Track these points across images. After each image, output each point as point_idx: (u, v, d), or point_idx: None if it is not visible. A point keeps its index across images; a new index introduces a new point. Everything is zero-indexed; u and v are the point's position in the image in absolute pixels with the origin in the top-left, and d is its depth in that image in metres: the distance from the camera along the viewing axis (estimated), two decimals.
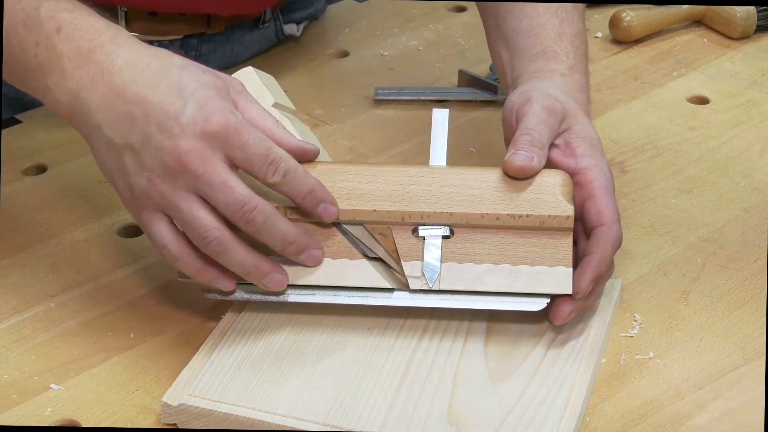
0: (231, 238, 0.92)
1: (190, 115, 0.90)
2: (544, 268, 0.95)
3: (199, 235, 0.91)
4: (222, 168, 0.91)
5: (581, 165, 0.99)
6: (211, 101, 0.91)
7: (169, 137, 0.90)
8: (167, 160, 0.90)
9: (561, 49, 1.08)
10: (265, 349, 0.96)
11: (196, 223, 0.91)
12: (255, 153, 0.91)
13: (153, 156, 0.91)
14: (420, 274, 0.96)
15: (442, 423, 0.89)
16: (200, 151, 0.90)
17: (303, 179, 0.93)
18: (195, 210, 0.91)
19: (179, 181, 0.91)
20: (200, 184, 0.90)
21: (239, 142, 0.91)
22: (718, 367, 0.98)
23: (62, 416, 0.92)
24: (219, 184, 0.90)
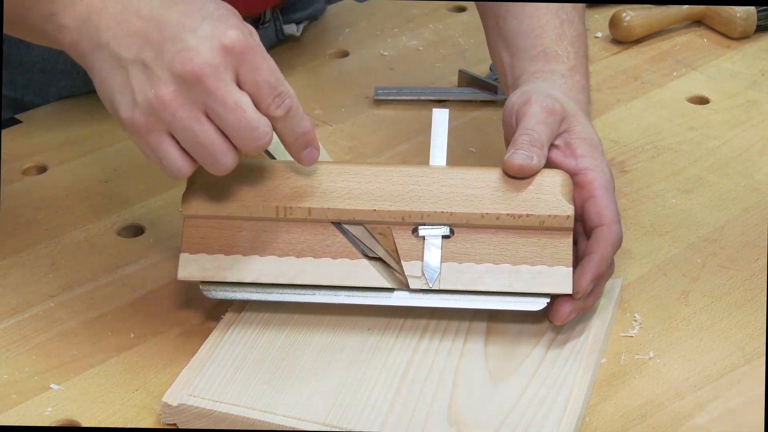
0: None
1: (207, 29, 0.87)
2: (544, 268, 0.95)
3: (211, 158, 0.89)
4: (233, 88, 0.87)
5: (581, 166, 0.99)
6: (231, 19, 0.88)
7: (185, 48, 0.86)
8: (180, 71, 0.86)
9: (561, 50, 1.08)
10: (265, 348, 0.96)
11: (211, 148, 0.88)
12: (266, 80, 0.88)
13: (165, 69, 0.87)
14: (420, 274, 0.96)
15: (442, 423, 0.89)
16: (215, 65, 0.86)
17: (301, 119, 0.92)
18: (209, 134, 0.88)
19: (190, 96, 0.87)
20: (211, 101, 0.87)
21: (253, 63, 0.88)
22: (718, 367, 0.98)
23: (62, 416, 0.92)
24: (231, 104, 0.87)
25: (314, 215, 0.96)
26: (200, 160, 0.90)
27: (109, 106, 0.90)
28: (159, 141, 0.89)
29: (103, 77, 0.90)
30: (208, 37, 0.87)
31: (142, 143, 0.90)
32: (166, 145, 0.89)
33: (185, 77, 0.86)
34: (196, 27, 0.87)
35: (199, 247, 0.97)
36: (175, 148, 0.89)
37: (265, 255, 0.96)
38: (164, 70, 0.87)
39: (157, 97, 0.87)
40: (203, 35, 0.87)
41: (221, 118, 0.88)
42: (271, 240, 0.97)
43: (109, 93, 0.90)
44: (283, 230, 0.97)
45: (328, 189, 0.96)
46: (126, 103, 0.88)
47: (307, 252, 0.96)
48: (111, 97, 0.89)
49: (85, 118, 1.27)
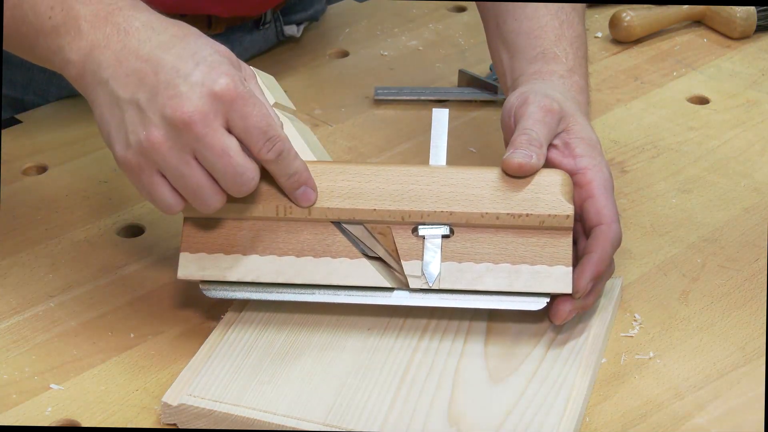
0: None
1: (199, 76, 0.90)
2: (544, 268, 0.95)
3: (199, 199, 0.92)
4: (222, 133, 0.90)
5: (580, 165, 0.99)
6: (223, 66, 0.91)
7: (176, 95, 0.89)
8: (171, 116, 0.89)
9: (560, 51, 1.08)
10: (265, 349, 0.96)
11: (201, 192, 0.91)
12: (255, 126, 0.90)
13: (157, 113, 0.89)
14: (420, 274, 0.96)
15: (442, 423, 0.89)
16: (204, 113, 0.89)
17: (292, 161, 0.94)
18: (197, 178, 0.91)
19: (180, 140, 0.90)
20: (200, 147, 0.90)
21: (243, 110, 0.90)
22: (718, 367, 0.98)
23: (62, 416, 0.92)
24: (219, 150, 0.90)
25: (314, 215, 0.96)
26: (189, 200, 0.92)
27: (106, 141, 0.93)
28: (150, 180, 0.92)
29: (102, 113, 0.93)
30: (199, 84, 0.89)
31: (134, 181, 0.93)
32: (157, 184, 0.92)
33: (175, 123, 0.89)
34: (188, 73, 0.90)
35: (198, 246, 0.97)
36: (166, 187, 0.92)
37: (264, 254, 0.96)
38: (156, 114, 0.90)
39: (148, 140, 0.90)
40: (194, 81, 0.89)
41: (209, 162, 0.90)
42: (270, 239, 0.97)
43: (106, 129, 0.93)
44: (283, 229, 0.97)
45: (327, 188, 0.96)
46: (120, 141, 0.92)
47: (307, 251, 0.96)
48: (108, 133, 0.93)
49: (85, 118, 1.27)
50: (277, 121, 0.92)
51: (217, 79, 0.90)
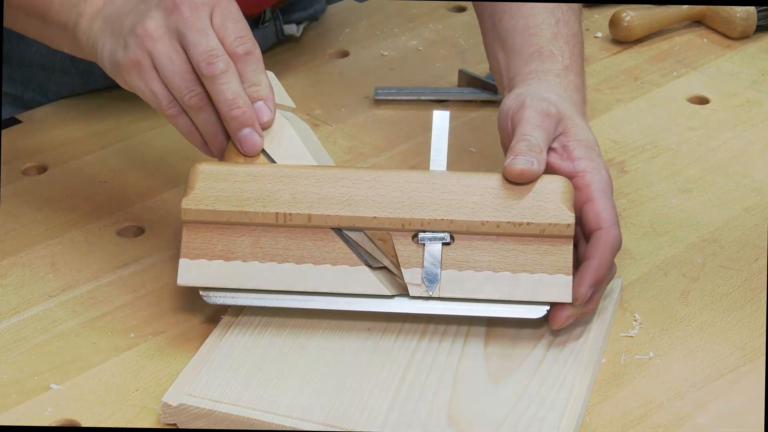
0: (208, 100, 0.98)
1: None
2: (544, 276, 0.95)
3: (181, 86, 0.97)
4: (206, 20, 0.98)
5: (579, 168, 0.99)
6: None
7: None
8: (166, 2, 0.98)
9: (556, 49, 1.08)
10: (265, 349, 0.96)
11: (184, 78, 0.97)
12: (232, 24, 0.98)
13: (151, 5, 0.98)
14: (420, 282, 0.95)
15: (442, 423, 0.89)
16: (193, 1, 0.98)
17: (259, 70, 0.99)
18: (182, 61, 0.97)
19: (168, 24, 0.97)
20: (183, 26, 0.97)
21: (226, 9, 0.99)
22: (718, 367, 0.98)
23: (62, 416, 0.92)
24: (197, 28, 0.97)
25: (314, 222, 0.96)
26: (171, 88, 0.98)
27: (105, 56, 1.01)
28: (152, 75, 0.98)
29: (105, 41, 1.01)
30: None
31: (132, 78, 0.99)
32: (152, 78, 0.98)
33: (166, 5, 0.98)
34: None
35: (198, 252, 0.96)
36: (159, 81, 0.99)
37: (264, 261, 0.96)
38: (150, 5, 0.98)
39: (143, 28, 0.98)
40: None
41: (186, 39, 0.97)
42: (270, 246, 0.96)
43: (113, 58, 1.00)
44: (283, 236, 0.96)
45: (327, 195, 0.96)
46: (122, 49, 0.99)
47: (307, 258, 0.96)
48: (114, 60, 1.00)
49: (85, 118, 1.28)
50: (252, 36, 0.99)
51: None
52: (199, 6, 0.98)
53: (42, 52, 1.28)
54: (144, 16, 0.98)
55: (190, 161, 0.97)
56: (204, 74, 0.97)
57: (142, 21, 0.98)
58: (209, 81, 0.97)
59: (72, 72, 1.30)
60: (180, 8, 0.97)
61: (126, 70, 0.99)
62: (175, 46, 0.98)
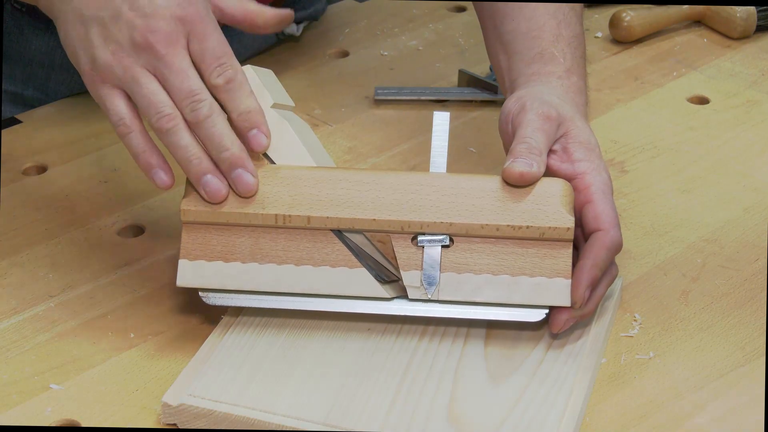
0: (183, 121, 0.94)
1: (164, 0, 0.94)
2: (543, 280, 0.95)
3: (155, 109, 0.94)
4: (184, 56, 0.94)
5: (578, 170, 0.99)
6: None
7: (141, 15, 0.93)
8: (135, 36, 0.93)
9: (558, 51, 1.08)
10: (265, 349, 0.96)
11: (154, 98, 0.94)
12: (210, 48, 0.94)
13: (122, 31, 0.94)
14: (419, 284, 0.95)
15: (442, 423, 0.90)
16: (167, 33, 0.93)
17: (245, 96, 0.96)
18: (154, 86, 0.94)
19: (142, 58, 0.93)
20: (161, 65, 0.93)
21: (202, 33, 0.94)
22: (718, 367, 0.98)
23: (62, 416, 0.92)
24: (177, 68, 0.93)
25: (313, 223, 0.96)
26: (143, 112, 0.94)
27: (72, 59, 0.97)
28: (109, 92, 0.95)
29: (67, 30, 0.96)
30: (164, 6, 0.94)
31: (95, 93, 0.96)
32: (115, 96, 0.95)
33: (138, 42, 0.93)
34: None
35: (198, 253, 0.96)
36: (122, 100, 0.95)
37: (264, 263, 0.96)
38: (120, 31, 0.94)
39: (114, 54, 0.94)
40: (160, 4, 0.94)
41: (166, 79, 0.94)
42: (270, 247, 0.96)
43: (71, 46, 0.96)
44: (282, 238, 0.96)
45: (327, 197, 0.96)
46: (84, 57, 0.95)
47: (306, 260, 0.96)
48: (73, 50, 0.96)
49: (85, 118, 1.27)
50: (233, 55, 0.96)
51: (180, 2, 0.94)
52: (173, 40, 0.94)
53: (42, 49, 1.28)
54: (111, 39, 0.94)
55: None
56: (189, 121, 0.94)
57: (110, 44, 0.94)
58: (195, 126, 0.94)
59: (72, 70, 1.28)
60: (154, 46, 0.93)
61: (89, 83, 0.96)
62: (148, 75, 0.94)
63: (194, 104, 0.93)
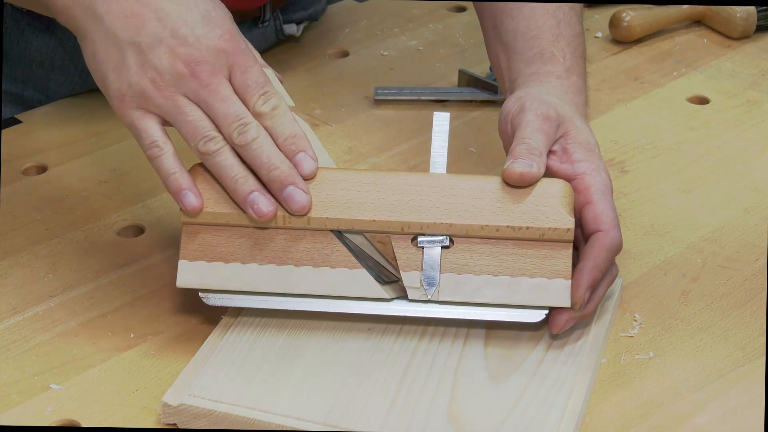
0: (228, 144, 0.94)
1: (205, 29, 0.94)
2: (543, 281, 0.94)
3: (201, 134, 0.94)
4: (227, 85, 0.94)
5: (578, 170, 0.99)
6: (226, 22, 0.96)
7: (183, 44, 0.93)
8: (178, 66, 0.93)
9: (558, 51, 1.08)
10: (265, 349, 0.96)
11: (200, 124, 0.93)
12: (254, 79, 0.95)
13: (162, 59, 0.93)
14: (419, 285, 0.95)
15: (442, 423, 0.90)
16: (211, 63, 0.94)
17: (289, 122, 0.96)
18: (198, 114, 0.94)
19: (185, 87, 0.93)
20: (205, 94, 0.93)
21: (244, 65, 0.95)
22: (718, 367, 0.98)
23: (62, 416, 0.92)
24: (222, 96, 0.94)
25: (313, 224, 0.96)
26: (187, 138, 0.94)
27: (98, 79, 0.96)
28: (142, 116, 0.94)
29: (96, 50, 0.95)
30: (205, 36, 0.94)
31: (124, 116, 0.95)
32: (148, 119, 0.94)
33: (181, 71, 0.93)
34: (194, 25, 0.94)
35: (198, 254, 0.96)
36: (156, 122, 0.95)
37: (264, 263, 0.96)
38: (161, 59, 0.93)
39: (153, 82, 0.93)
40: (201, 34, 0.94)
41: (210, 107, 0.94)
42: (270, 248, 0.96)
43: (101, 67, 0.95)
44: (282, 238, 0.96)
45: (327, 198, 0.96)
46: (117, 80, 0.94)
47: (305, 260, 0.96)
48: (104, 71, 0.95)
49: (85, 118, 1.27)
50: (272, 84, 0.96)
51: (223, 35, 0.95)
52: (216, 70, 0.94)
53: (42, 50, 1.28)
54: (149, 67, 0.93)
55: (189, 162, 0.97)
56: (237, 144, 0.94)
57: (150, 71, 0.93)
58: (243, 149, 0.94)
59: (72, 71, 1.30)
60: (199, 75, 0.93)
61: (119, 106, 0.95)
62: (190, 103, 0.94)
63: (242, 127, 0.93)
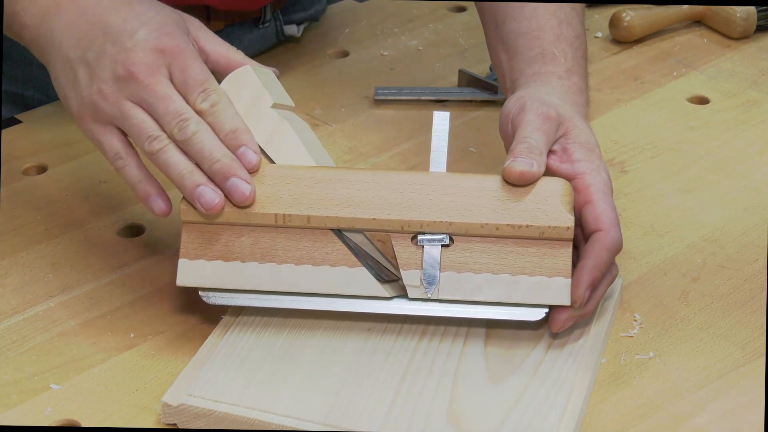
0: (172, 142, 0.96)
1: (144, 34, 0.97)
2: (543, 279, 0.94)
3: (145, 134, 0.96)
4: (166, 83, 0.97)
5: (578, 170, 0.99)
6: (167, 27, 0.98)
7: (122, 50, 0.97)
8: (118, 70, 0.96)
9: (559, 51, 1.08)
10: (265, 349, 0.96)
11: (143, 125, 0.96)
12: (193, 77, 0.97)
13: (106, 68, 0.97)
14: (419, 283, 0.95)
15: (442, 423, 0.90)
16: (148, 64, 0.96)
17: (230, 117, 0.97)
18: (142, 115, 0.96)
19: (127, 90, 0.96)
20: (145, 94, 0.96)
21: (184, 63, 0.97)
22: (718, 367, 0.98)
23: (62, 416, 0.92)
24: (161, 94, 0.96)
25: (313, 223, 0.96)
26: (135, 141, 0.97)
27: (64, 102, 1.00)
28: (101, 129, 0.98)
29: (57, 75, 1.00)
30: (143, 40, 0.97)
31: (87, 132, 0.99)
32: (108, 133, 0.98)
33: (121, 75, 0.96)
34: (134, 32, 0.97)
35: (197, 253, 0.96)
36: (116, 135, 0.98)
37: (263, 262, 0.96)
38: (104, 69, 0.97)
39: (99, 92, 0.97)
40: (139, 39, 0.97)
41: (151, 106, 0.96)
42: (269, 247, 0.96)
43: (62, 90, 1.00)
44: (282, 237, 0.96)
45: (327, 196, 0.96)
46: (74, 98, 0.99)
47: (305, 259, 0.96)
48: (64, 94, 1.00)
49: None
50: (215, 80, 0.98)
51: (161, 37, 0.97)
52: (155, 70, 0.96)
53: None
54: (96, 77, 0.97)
55: None
56: (179, 140, 0.95)
57: (97, 82, 0.97)
58: (185, 144, 0.95)
59: None
60: (137, 77, 0.96)
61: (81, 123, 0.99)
62: (136, 107, 0.96)
63: (181, 123, 0.95)
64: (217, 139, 0.96)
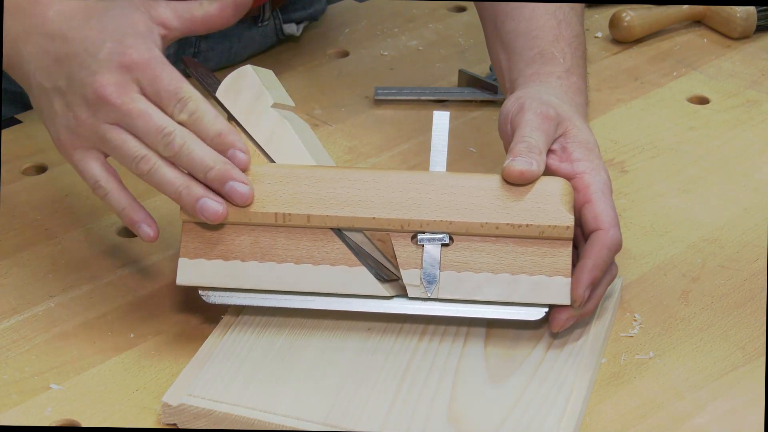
0: (160, 158, 0.94)
1: (106, 51, 0.94)
2: (543, 278, 0.94)
3: (130, 156, 0.94)
4: (139, 98, 0.94)
5: (578, 169, 0.99)
6: (128, 38, 0.95)
7: (89, 74, 0.94)
8: (88, 95, 0.94)
9: (558, 52, 1.08)
10: (265, 349, 0.96)
11: (126, 146, 0.94)
12: (164, 88, 0.94)
13: (77, 94, 0.95)
14: (419, 283, 0.95)
15: (442, 423, 0.90)
16: (117, 83, 0.94)
17: (211, 122, 0.95)
18: (123, 136, 0.94)
19: (102, 114, 0.94)
20: (120, 115, 0.94)
21: (152, 75, 0.94)
22: (718, 367, 0.98)
23: (62, 416, 0.92)
24: (136, 113, 0.94)
25: (313, 222, 0.96)
26: (122, 163, 0.95)
27: (46, 128, 0.99)
28: (82, 157, 0.97)
29: (36, 103, 0.99)
30: (106, 59, 0.94)
31: (69, 160, 0.98)
32: (87, 159, 0.97)
33: (92, 100, 0.94)
34: (96, 52, 0.95)
35: (197, 252, 0.96)
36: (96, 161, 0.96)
37: (263, 261, 0.96)
38: (76, 95, 0.95)
39: (77, 119, 0.95)
40: (102, 58, 0.94)
41: (131, 125, 0.94)
42: (269, 246, 0.96)
43: (42, 117, 0.99)
44: (282, 236, 0.96)
45: (327, 196, 0.96)
46: (53, 128, 0.97)
47: (305, 258, 0.96)
48: (46, 124, 0.98)
49: None
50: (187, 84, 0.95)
51: (124, 51, 0.94)
52: (124, 87, 0.94)
53: None
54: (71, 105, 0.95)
55: None
56: (167, 157, 0.94)
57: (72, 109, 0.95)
58: (174, 159, 0.94)
59: None
60: (108, 99, 0.93)
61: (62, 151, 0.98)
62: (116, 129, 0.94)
63: (166, 138, 0.93)
64: (205, 145, 0.94)
